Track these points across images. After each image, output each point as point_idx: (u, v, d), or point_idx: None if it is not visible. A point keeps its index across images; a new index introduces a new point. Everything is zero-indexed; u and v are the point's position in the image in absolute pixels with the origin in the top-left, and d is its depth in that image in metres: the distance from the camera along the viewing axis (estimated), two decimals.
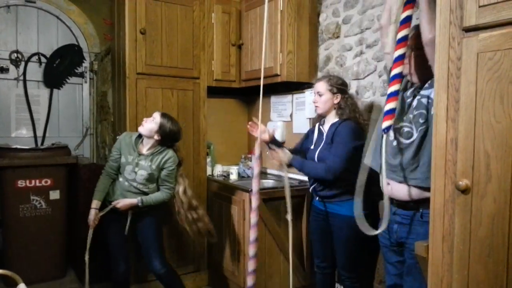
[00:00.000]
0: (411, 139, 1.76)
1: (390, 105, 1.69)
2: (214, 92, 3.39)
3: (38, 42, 3.89)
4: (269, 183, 3.30)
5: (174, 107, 3.28)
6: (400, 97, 1.83)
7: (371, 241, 2.39)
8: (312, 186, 2.47)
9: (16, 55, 3.77)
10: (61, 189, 3.41)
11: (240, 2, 3.48)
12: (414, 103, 1.78)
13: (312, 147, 2.47)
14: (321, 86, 2.40)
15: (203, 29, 3.37)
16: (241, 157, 3.61)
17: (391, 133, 1.83)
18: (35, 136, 3.82)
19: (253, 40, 3.33)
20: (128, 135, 2.74)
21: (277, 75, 3.06)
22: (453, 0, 1.33)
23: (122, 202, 2.60)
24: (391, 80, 1.70)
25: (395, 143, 1.83)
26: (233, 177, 3.29)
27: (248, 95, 3.79)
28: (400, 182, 1.80)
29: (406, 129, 1.79)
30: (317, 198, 2.47)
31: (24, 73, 3.79)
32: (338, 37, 2.95)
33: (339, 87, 2.39)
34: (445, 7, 1.36)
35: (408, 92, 1.85)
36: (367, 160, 1.82)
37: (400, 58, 1.68)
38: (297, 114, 3.25)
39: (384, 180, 1.86)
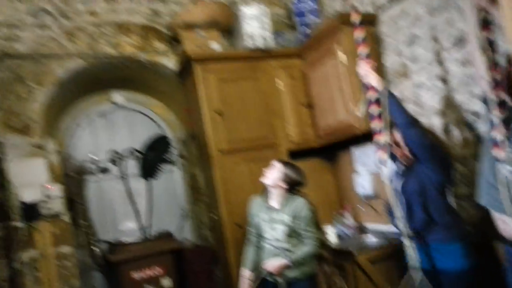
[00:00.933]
0: None
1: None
2: (296, 155, 3.43)
3: (130, 139, 4.29)
4: (372, 241, 3.02)
5: (259, 177, 3.36)
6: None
7: None
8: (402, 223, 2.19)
9: (113, 155, 4.17)
10: (172, 275, 3.54)
11: (303, 64, 3.58)
12: None
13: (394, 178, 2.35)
14: (397, 135, 2.31)
15: (273, 96, 3.50)
16: (333, 215, 3.53)
17: (506, 166, 1.67)
18: (140, 227, 4.11)
19: (321, 97, 3.36)
20: (255, 196, 2.76)
21: (353, 126, 3.03)
22: None
23: (271, 265, 2.44)
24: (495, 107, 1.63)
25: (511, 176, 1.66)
26: (332, 238, 3.14)
27: (329, 151, 3.77)
28: None
29: None
30: (407, 235, 2.18)
31: (123, 170, 4.17)
32: (407, 76, 2.88)
33: None
34: None
35: None
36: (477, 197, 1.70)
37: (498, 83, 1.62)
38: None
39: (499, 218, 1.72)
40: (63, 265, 3.17)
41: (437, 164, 2.17)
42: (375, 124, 2.24)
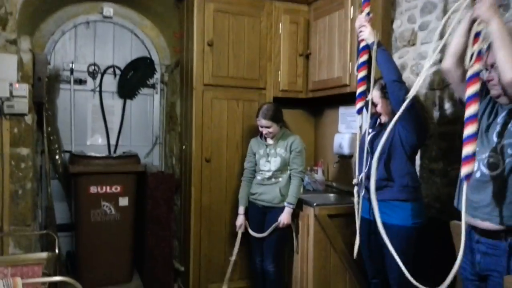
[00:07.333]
0: (497, 171, 1.57)
1: (467, 149, 1.49)
2: (280, 103, 3.31)
3: (114, 55, 4.08)
4: (335, 197, 3.16)
5: (239, 118, 3.27)
6: (485, 123, 1.65)
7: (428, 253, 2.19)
8: (362, 175, 2.28)
9: (93, 68, 3.98)
10: (130, 196, 3.52)
11: (309, 11, 3.41)
12: (505, 132, 1.58)
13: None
14: (374, 94, 2.27)
15: (270, 39, 3.34)
16: (306, 169, 3.49)
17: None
18: (108, 145, 3.99)
19: (321, 49, 3.23)
20: (254, 137, 3.08)
21: (346, 85, 2.93)
22: None
23: (283, 219, 2.79)
24: (466, 121, 1.51)
25: (478, 175, 1.62)
26: None
27: (315, 106, 3.68)
28: (484, 220, 1.60)
29: (491, 160, 1.59)
30: (363, 193, 2.29)
31: (100, 85, 3.99)
32: (414, 44, 2.76)
33: None
34: None
35: (498, 118, 1.63)
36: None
37: (472, 97, 1.51)
38: (366, 125, 3.08)
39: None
40: (18, 166, 3.04)
41: (413, 125, 2.17)
42: (360, 88, 2.28)
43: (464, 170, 1.49)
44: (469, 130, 1.49)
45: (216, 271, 3.22)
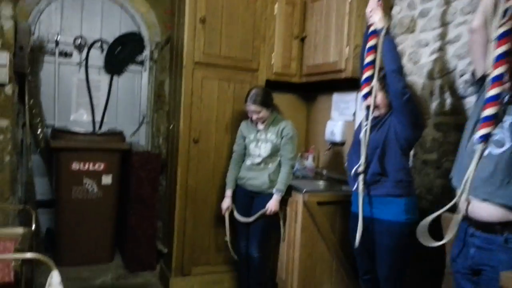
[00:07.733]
0: (502, 149, 1.52)
1: (489, 111, 1.49)
2: (273, 86, 3.22)
3: (102, 29, 3.93)
4: (324, 184, 3.09)
5: (229, 99, 3.18)
6: None
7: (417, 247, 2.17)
8: (356, 166, 2.17)
9: (80, 41, 3.83)
10: (114, 174, 3.43)
11: None
12: None
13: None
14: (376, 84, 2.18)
15: (265, 20, 3.23)
16: (297, 155, 3.43)
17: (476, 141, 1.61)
18: (93, 121, 3.87)
19: (317, 33, 3.13)
20: (245, 120, 2.97)
21: (341, 70, 2.85)
22: None
23: (271, 206, 2.72)
24: (492, 82, 1.47)
25: (483, 153, 1.58)
26: None
27: (308, 91, 3.60)
28: (484, 200, 1.56)
29: (496, 137, 1.55)
30: (356, 186, 2.19)
31: (87, 59, 3.85)
32: (413, 32, 2.69)
33: None
34: None
35: (506, 97, 1.59)
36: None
37: (502, 56, 1.45)
38: (360, 113, 3.02)
39: (463, 197, 1.64)
40: None
41: (409, 119, 2.10)
42: (367, 73, 2.19)
43: (482, 132, 1.51)
44: (492, 91, 1.48)
45: (200, 253, 3.17)
